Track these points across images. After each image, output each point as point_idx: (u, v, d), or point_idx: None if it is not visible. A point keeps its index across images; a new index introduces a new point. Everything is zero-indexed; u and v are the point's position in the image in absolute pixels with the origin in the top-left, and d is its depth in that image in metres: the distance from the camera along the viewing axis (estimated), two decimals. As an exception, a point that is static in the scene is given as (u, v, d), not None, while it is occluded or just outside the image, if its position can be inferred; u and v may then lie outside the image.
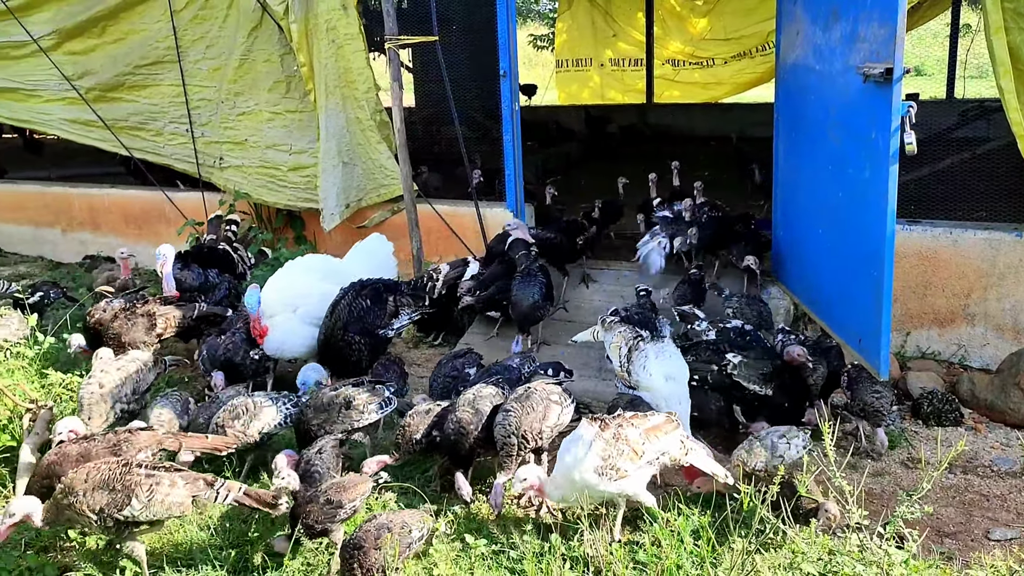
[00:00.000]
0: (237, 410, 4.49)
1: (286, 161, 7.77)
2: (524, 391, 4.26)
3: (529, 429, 4.05)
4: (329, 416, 4.40)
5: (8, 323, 6.03)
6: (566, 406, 4.27)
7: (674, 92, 15.32)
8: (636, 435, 3.70)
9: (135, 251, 8.95)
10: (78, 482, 3.54)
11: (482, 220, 7.20)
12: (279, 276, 5.85)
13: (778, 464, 3.86)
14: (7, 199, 9.91)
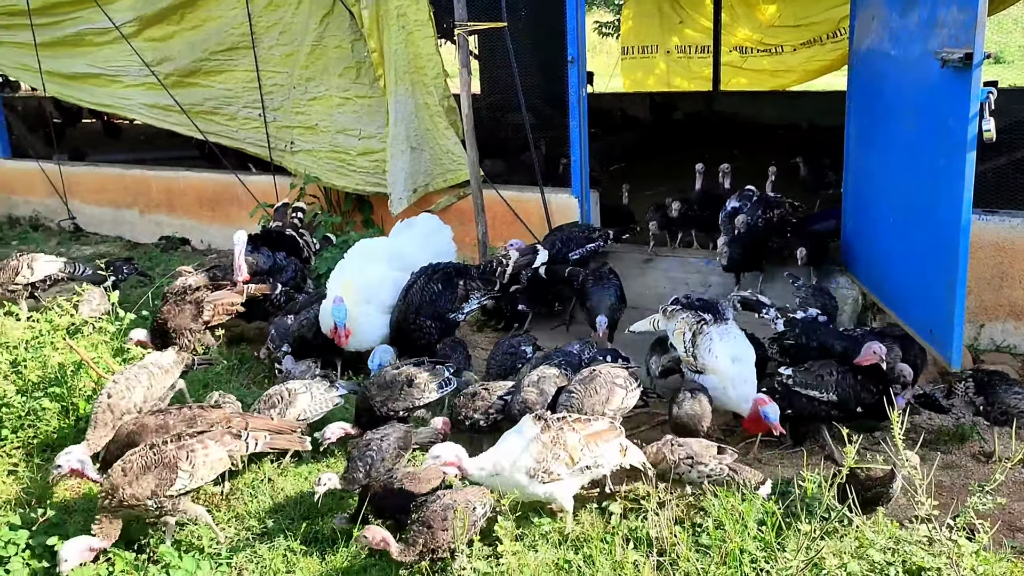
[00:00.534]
0: (272, 399, 4.61)
1: (355, 146, 7.91)
2: (589, 373, 4.30)
3: (591, 411, 4.09)
4: (392, 394, 4.49)
5: (90, 299, 6.27)
6: (631, 390, 4.30)
7: (741, 80, 15.12)
8: (575, 440, 3.67)
9: (208, 233, 9.27)
10: (118, 477, 3.63)
11: (547, 206, 7.24)
12: (348, 266, 5.95)
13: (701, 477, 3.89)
14: (89, 181, 10.27)
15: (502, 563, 3.46)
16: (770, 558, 3.20)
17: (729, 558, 3.23)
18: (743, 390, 4.24)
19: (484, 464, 3.64)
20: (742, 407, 4.28)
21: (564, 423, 3.72)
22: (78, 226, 10.36)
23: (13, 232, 10.37)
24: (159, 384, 4.62)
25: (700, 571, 3.25)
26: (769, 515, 3.48)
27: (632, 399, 4.31)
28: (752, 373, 4.35)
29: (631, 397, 4.30)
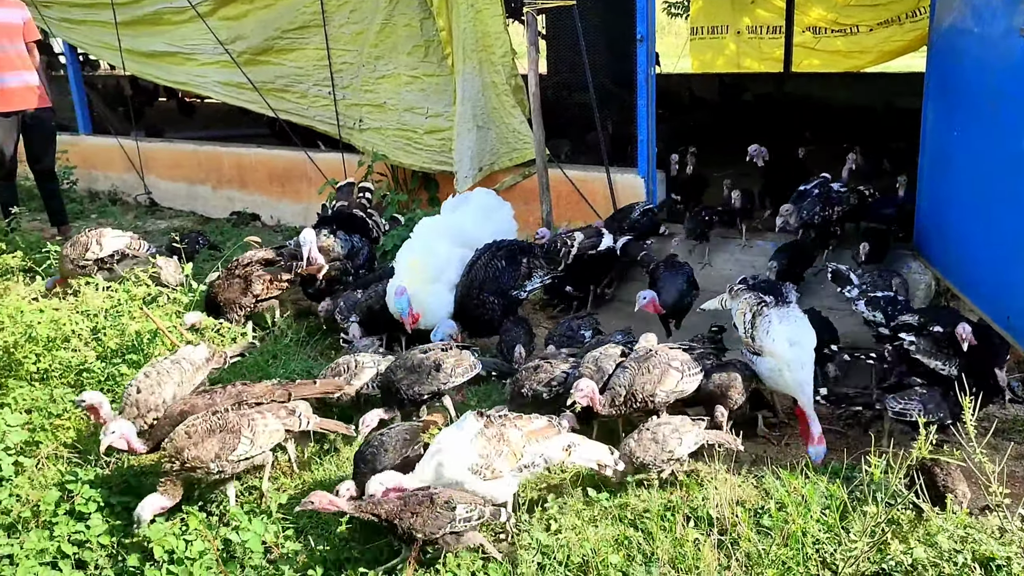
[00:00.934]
0: (339, 368, 4.69)
1: (422, 124, 7.97)
2: (646, 353, 4.29)
3: (640, 389, 4.08)
4: (418, 378, 4.42)
5: (165, 267, 6.48)
6: (689, 374, 4.24)
7: (813, 61, 14.81)
8: (518, 437, 3.59)
9: (277, 208, 9.46)
10: (183, 441, 3.74)
11: (612, 186, 7.21)
12: (414, 245, 5.99)
13: (667, 459, 3.82)
14: (164, 157, 10.56)
15: (561, 537, 3.49)
16: (833, 541, 3.16)
17: (791, 540, 3.21)
18: (799, 375, 4.17)
19: (423, 464, 3.56)
20: (798, 392, 4.21)
21: (506, 420, 3.65)
22: (154, 200, 10.68)
23: (93, 206, 10.72)
24: (189, 381, 4.52)
25: (761, 552, 3.23)
26: (833, 498, 3.44)
27: (690, 384, 4.24)
28: (810, 358, 4.26)
29: (688, 382, 4.23)
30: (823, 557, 3.07)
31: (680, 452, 3.85)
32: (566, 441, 3.70)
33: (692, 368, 4.28)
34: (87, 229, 7.07)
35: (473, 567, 3.36)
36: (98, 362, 5.20)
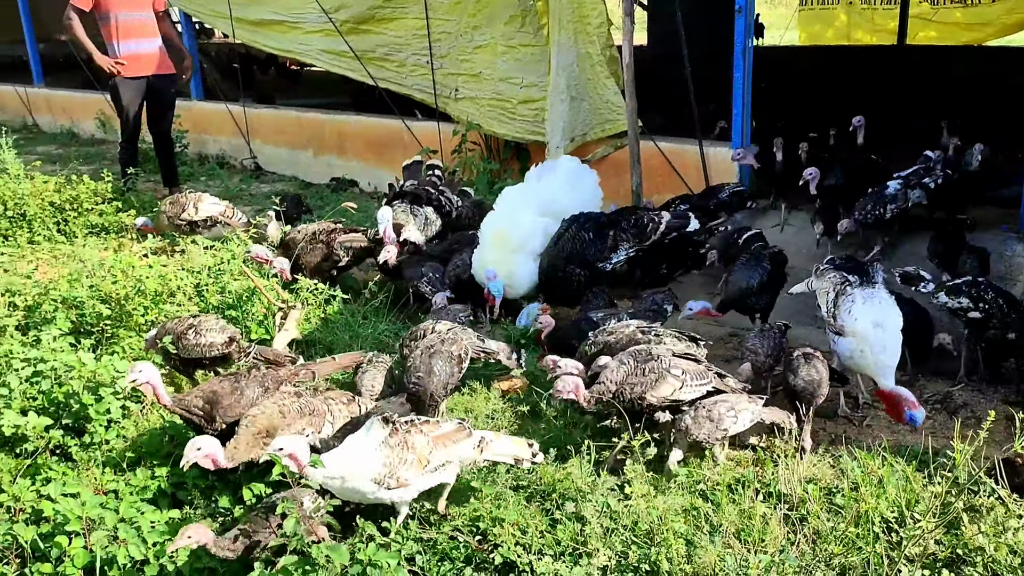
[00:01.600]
0: (415, 334, 4.74)
1: (517, 94, 8.03)
2: (647, 353, 4.09)
3: (629, 390, 3.98)
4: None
5: (269, 226, 6.79)
6: (690, 385, 3.99)
7: (930, 33, 14.17)
8: (424, 443, 3.47)
9: (375, 175, 9.70)
10: (277, 418, 3.76)
11: (705, 160, 7.12)
12: (500, 215, 6.06)
13: (721, 437, 3.79)
14: (269, 123, 10.95)
15: (631, 504, 3.55)
16: (903, 520, 3.12)
17: (862, 519, 3.18)
18: (882, 358, 4.07)
19: (330, 471, 3.37)
20: (878, 375, 4.12)
21: (412, 426, 3.53)
22: (259, 165, 11.10)
23: (203, 169, 11.21)
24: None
25: (830, 529, 3.21)
26: (910, 481, 3.39)
27: (690, 394, 3.97)
28: (895, 341, 4.15)
29: (688, 392, 3.98)
30: (892, 538, 3.03)
31: (735, 430, 3.84)
32: (476, 439, 3.62)
33: (696, 379, 4.02)
34: (189, 191, 7.44)
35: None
36: (200, 316, 5.49)
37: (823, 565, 3.00)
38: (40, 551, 3.42)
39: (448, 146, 8.50)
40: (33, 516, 3.64)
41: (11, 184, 8.25)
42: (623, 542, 3.30)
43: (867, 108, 7.29)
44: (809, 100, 10.85)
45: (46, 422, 4.27)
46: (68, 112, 14.14)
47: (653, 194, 7.23)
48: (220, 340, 4.80)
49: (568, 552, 3.28)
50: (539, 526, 3.50)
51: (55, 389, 4.51)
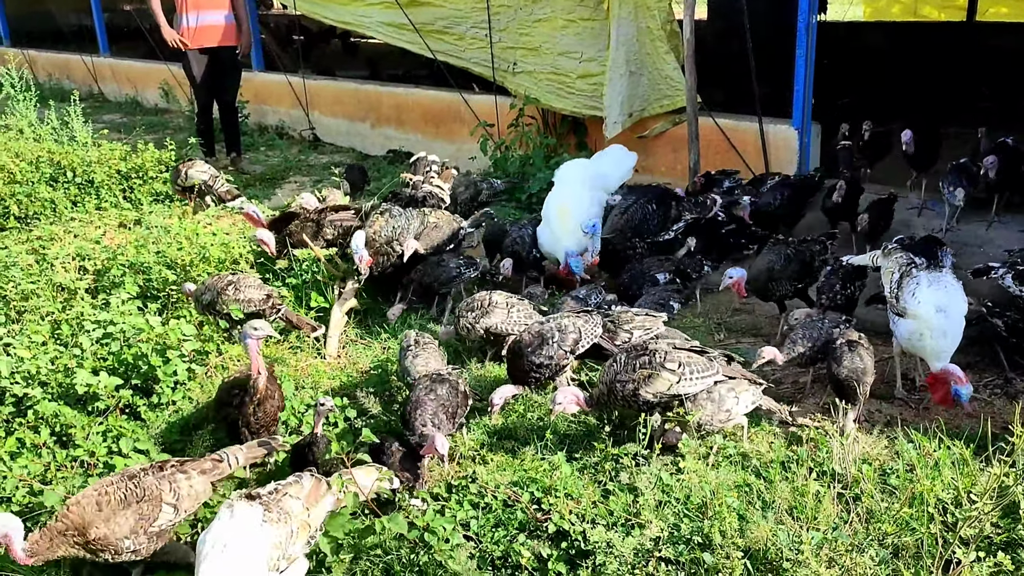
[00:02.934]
0: (472, 304, 4.86)
1: (575, 68, 8.00)
2: (641, 348, 4.01)
3: (620, 388, 3.91)
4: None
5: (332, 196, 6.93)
6: (689, 378, 3.84)
7: (1002, 9, 13.69)
8: (299, 507, 3.11)
9: (431, 148, 9.73)
10: (91, 515, 3.13)
11: (764, 137, 7.04)
12: (561, 191, 6.11)
13: (724, 419, 3.77)
14: (328, 94, 11.06)
15: (683, 478, 3.58)
16: (959, 503, 3.10)
17: (916, 500, 3.17)
18: (942, 343, 4.01)
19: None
20: (933, 360, 4.08)
21: (277, 494, 3.11)
22: (317, 136, 11.24)
23: (262, 139, 11.39)
24: None
25: (883, 509, 3.21)
26: (966, 463, 3.37)
27: (690, 387, 3.84)
28: (957, 328, 4.09)
29: (687, 385, 3.82)
30: (946, 520, 3.02)
31: (737, 411, 3.84)
32: (335, 490, 3.32)
33: (698, 372, 3.86)
34: (185, 159, 7.69)
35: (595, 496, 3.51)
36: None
37: (876, 544, 3.01)
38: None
39: (505, 120, 8.52)
40: (105, 470, 3.81)
41: (79, 152, 8.50)
42: (675, 515, 3.34)
43: (933, 88, 7.15)
44: (873, 78, 10.63)
45: (116, 382, 4.45)
46: (132, 81, 14.44)
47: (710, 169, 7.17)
48: (258, 297, 5.11)
49: (620, 523, 3.33)
50: (592, 496, 3.56)
51: (125, 351, 4.69)
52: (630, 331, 4.44)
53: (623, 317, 4.52)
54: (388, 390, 4.76)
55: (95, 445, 3.95)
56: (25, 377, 4.50)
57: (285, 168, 9.99)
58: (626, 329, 4.45)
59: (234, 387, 4.15)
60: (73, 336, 5.01)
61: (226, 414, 4.11)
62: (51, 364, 4.61)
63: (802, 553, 2.82)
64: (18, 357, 4.59)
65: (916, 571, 2.82)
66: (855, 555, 2.85)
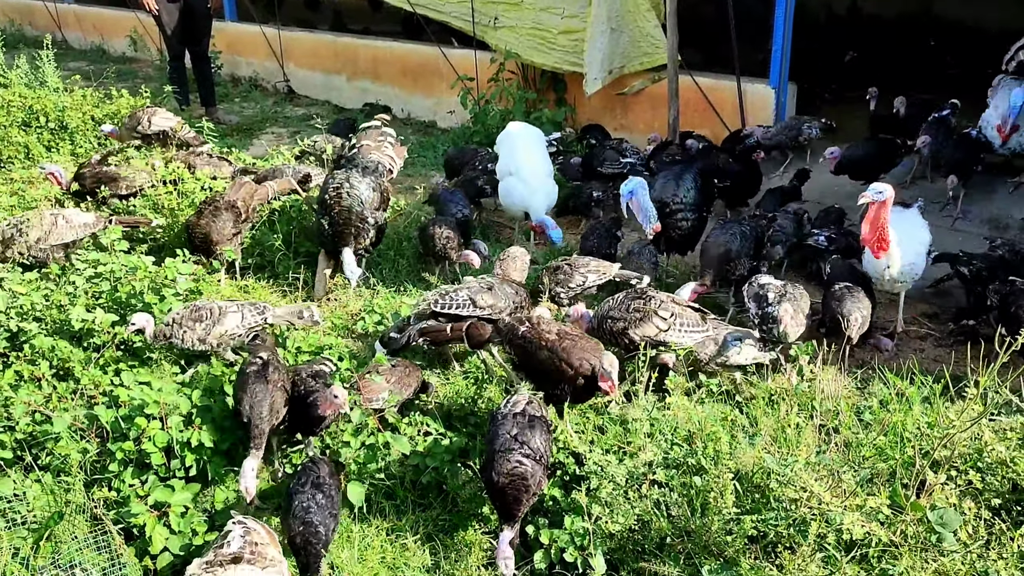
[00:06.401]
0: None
1: (557, 24, 8.05)
2: (638, 295, 4.26)
3: (611, 323, 4.15)
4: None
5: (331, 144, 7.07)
6: (678, 329, 4.08)
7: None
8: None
9: (409, 102, 9.77)
10: None
11: (742, 96, 7.20)
12: (530, 145, 6.09)
13: (722, 363, 4.02)
14: (303, 46, 10.98)
15: (670, 413, 3.76)
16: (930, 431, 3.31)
17: (889, 431, 3.39)
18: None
19: None
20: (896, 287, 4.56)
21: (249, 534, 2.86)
22: (292, 88, 11.17)
23: (236, 90, 11.30)
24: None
25: (858, 440, 3.42)
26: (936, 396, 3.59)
27: (678, 338, 4.04)
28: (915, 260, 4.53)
29: (675, 335, 4.04)
30: (919, 446, 3.23)
31: (735, 360, 4.04)
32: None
33: (687, 326, 4.08)
34: (146, 107, 7.63)
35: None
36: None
37: (854, 469, 3.21)
38: (119, 431, 3.66)
39: (485, 75, 8.57)
40: (110, 402, 3.88)
41: (51, 96, 8.40)
42: (665, 444, 3.52)
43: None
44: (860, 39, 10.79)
45: (112, 318, 4.50)
46: (99, 29, 14.17)
47: (689, 128, 7.32)
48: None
49: (614, 450, 3.50)
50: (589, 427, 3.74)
51: (120, 288, 4.73)
52: (584, 274, 4.74)
53: (579, 262, 4.82)
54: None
55: (99, 376, 4.01)
56: (20, 313, 4.54)
57: (262, 119, 9.96)
58: (581, 273, 4.74)
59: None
60: (63, 275, 5.04)
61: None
62: (45, 301, 4.64)
63: (789, 474, 3.00)
64: (12, 292, 4.62)
65: (893, 492, 3.02)
66: (837, 477, 3.04)
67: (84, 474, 3.59)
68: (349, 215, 5.18)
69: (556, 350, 3.61)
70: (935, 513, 2.87)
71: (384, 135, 5.78)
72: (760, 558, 2.93)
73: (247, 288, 5.41)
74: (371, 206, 5.27)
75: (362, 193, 5.25)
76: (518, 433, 3.21)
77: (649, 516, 3.17)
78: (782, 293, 4.21)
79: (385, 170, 5.52)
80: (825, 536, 2.81)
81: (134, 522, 3.27)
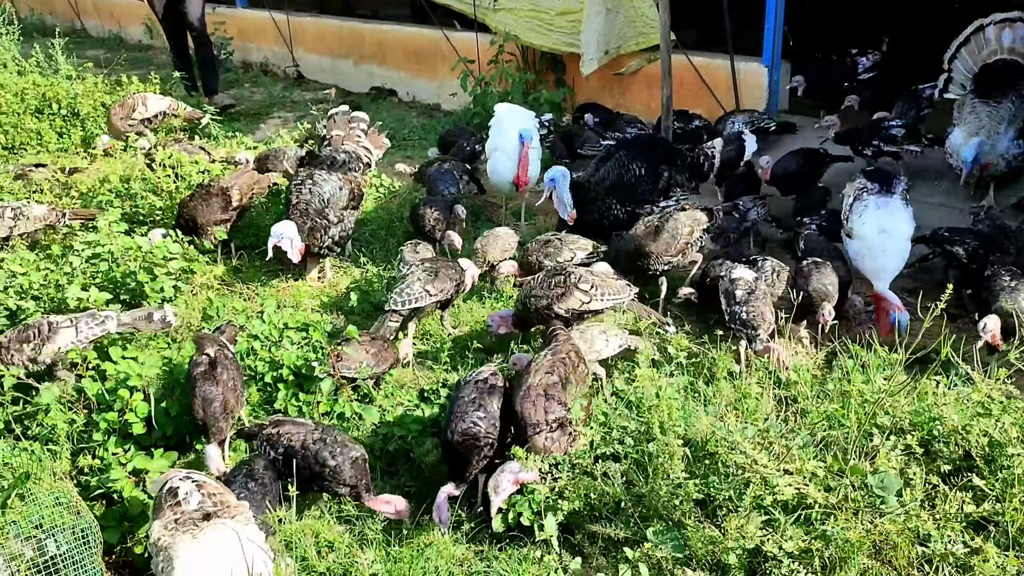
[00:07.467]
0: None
1: (555, 5, 8.10)
2: (559, 267, 4.51)
3: (534, 302, 4.28)
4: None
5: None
6: (599, 298, 4.31)
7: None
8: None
9: (413, 85, 9.87)
10: None
11: (736, 75, 7.22)
12: (520, 118, 6.10)
13: (594, 359, 4.03)
14: (311, 31, 11.11)
15: (637, 385, 3.85)
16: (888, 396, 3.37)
17: (844, 399, 3.46)
18: (880, 261, 4.35)
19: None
20: (874, 277, 4.42)
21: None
22: (300, 73, 11.31)
23: (247, 76, 11.46)
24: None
25: (816, 408, 3.50)
26: (895, 366, 3.65)
27: (600, 305, 4.29)
28: (898, 250, 4.40)
29: (597, 304, 4.28)
30: (871, 414, 3.30)
31: (606, 353, 4.12)
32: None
33: (609, 294, 4.32)
34: (133, 93, 7.78)
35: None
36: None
37: (807, 436, 3.29)
38: (105, 403, 3.83)
39: (485, 57, 8.64)
40: (97, 375, 4.05)
41: (64, 84, 8.60)
42: (624, 413, 3.62)
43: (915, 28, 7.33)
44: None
45: (106, 296, 4.67)
46: (115, 17, 14.40)
47: (684, 107, 7.35)
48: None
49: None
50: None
51: (114, 269, 4.90)
52: (573, 250, 4.91)
53: (569, 238, 4.98)
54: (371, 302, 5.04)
55: (88, 352, 4.18)
56: (18, 291, 4.72)
57: (269, 104, 10.12)
58: (570, 248, 4.91)
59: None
60: (63, 256, 5.22)
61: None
62: (43, 280, 4.82)
63: (734, 439, 3.09)
64: (10, 272, 4.80)
65: (842, 458, 3.10)
66: (784, 441, 3.13)
67: (71, 443, 3.77)
68: (307, 210, 5.08)
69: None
70: (876, 477, 2.95)
71: (355, 121, 5.75)
72: (703, 521, 3.02)
73: (239, 268, 5.57)
74: (335, 204, 5.16)
75: (324, 190, 5.16)
76: (476, 397, 3.35)
77: (602, 484, 3.27)
78: (750, 290, 4.20)
79: (359, 164, 5.49)
80: (763, 498, 2.90)
81: (114, 487, 3.43)
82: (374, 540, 3.27)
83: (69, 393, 3.92)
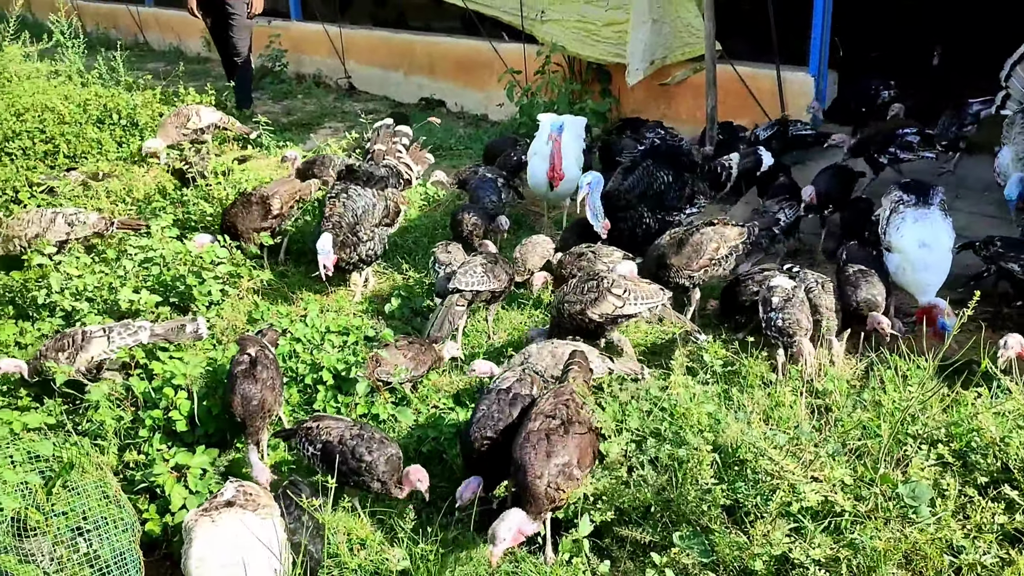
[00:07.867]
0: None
1: (601, 16, 8.13)
2: (595, 273, 4.52)
3: (568, 307, 4.32)
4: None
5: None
6: (633, 303, 4.32)
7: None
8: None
9: (462, 96, 9.99)
10: None
11: (782, 85, 7.18)
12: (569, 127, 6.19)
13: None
14: (362, 43, 11.31)
15: (671, 391, 3.85)
16: (919, 405, 3.32)
17: (880, 409, 3.42)
18: (923, 276, 4.26)
19: None
20: (918, 293, 4.32)
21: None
22: (352, 84, 11.51)
23: (300, 87, 11.70)
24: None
25: (849, 417, 3.46)
26: (931, 378, 3.60)
27: (634, 309, 4.30)
28: (940, 262, 4.32)
29: (631, 308, 4.30)
30: (903, 423, 3.25)
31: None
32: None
33: (643, 298, 4.32)
34: (188, 104, 8.00)
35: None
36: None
37: (840, 445, 3.26)
38: (151, 401, 3.97)
39: (532, 67, 8.72)
40: (145, 374, 4.19)
41: (125, 96, 8.90)
42: (658, 419, 3.62)
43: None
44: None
45: (156, 299, 4.83)
46: (176, 31, 14.82)
47: (729, 118, 7.32)
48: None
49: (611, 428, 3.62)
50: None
51: (164, 272, 5.07)
52: (607, 263, 4.89)
53: (603, 250, 5.02)
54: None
55: (136, 351, 4.33)
56: (73, 293, 4.91)
57: (320, 115, 10.31)
58: (604, 261, 4.91)
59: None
60: (117, 260, 5.40)
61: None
62: (97, 283, 5.00)
63: (767, 448, 3.08)
64: (67, 275, 4.99)
65: (874, 467, 3.07)
66: (814, 449, 3.11)
67: (118, 439, 3.91)
68: (340, 223, 5.09)
69: None
70: (907, 486, 2.92)
71: (398, 135, 5.83)
72: (731, 527, 3.02)
73: (285, 274, 5.70)
74: (367, 220, 5.21)
75: (358, 205, 5.21)
76: (497, 408, 3.42)
77: (632, 488, 3.28)
78: (787, 298, 4.17)
79: (399, 180, 5.55)
80: (790, 504, 2.88)
81: (157, 482, 3.55)
82: (403, 538, 3.32)
83: (118, 391, 4.06)
